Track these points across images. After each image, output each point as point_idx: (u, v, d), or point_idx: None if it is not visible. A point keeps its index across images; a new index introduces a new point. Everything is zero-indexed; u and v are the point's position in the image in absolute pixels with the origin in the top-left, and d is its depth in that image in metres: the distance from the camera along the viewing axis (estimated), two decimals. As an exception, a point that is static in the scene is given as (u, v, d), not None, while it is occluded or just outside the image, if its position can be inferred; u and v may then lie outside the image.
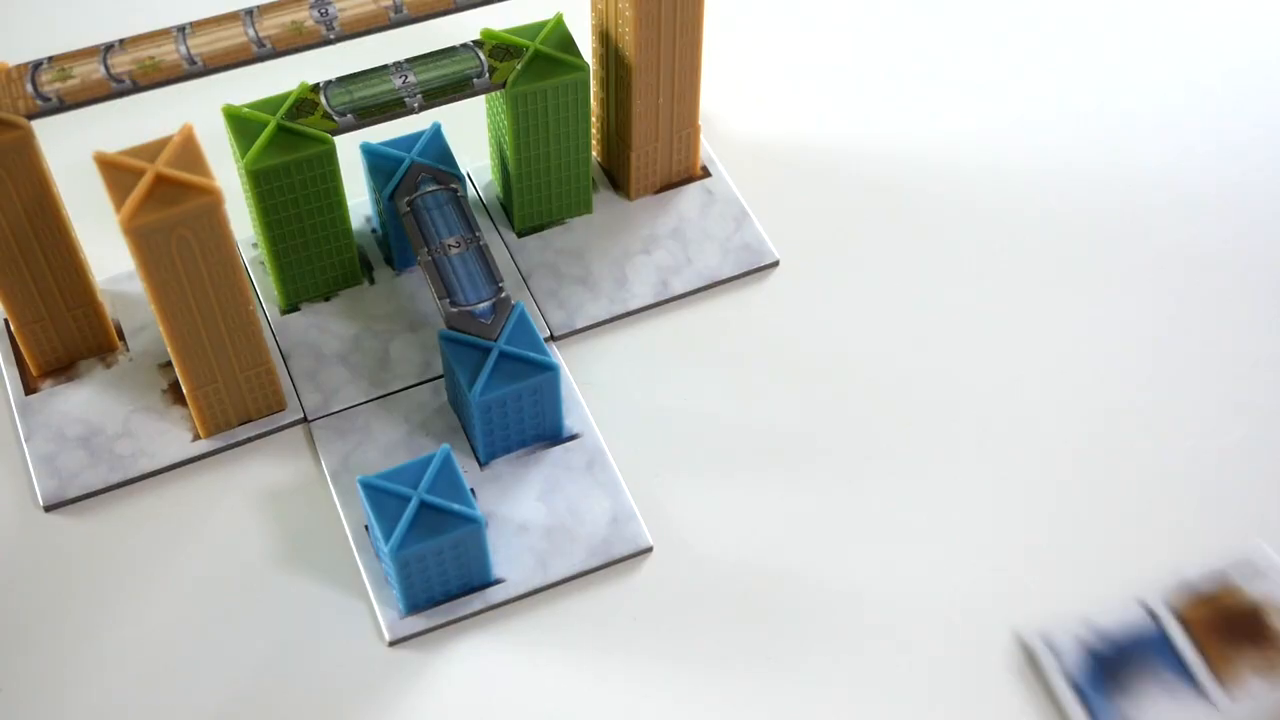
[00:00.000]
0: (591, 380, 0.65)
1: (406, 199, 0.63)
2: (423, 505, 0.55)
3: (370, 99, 0.61)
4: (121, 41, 0.58)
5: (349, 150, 0.64)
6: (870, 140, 0.74)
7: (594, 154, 0.71)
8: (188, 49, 0.58)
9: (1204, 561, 0.58)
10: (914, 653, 0.57)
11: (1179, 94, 0.76)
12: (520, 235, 0.69)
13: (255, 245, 0.68)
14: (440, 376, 0.64)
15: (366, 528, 0.59)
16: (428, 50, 0.63)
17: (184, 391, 0.60)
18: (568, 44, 0.63)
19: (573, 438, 0.62)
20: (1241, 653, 0.56)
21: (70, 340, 0.64)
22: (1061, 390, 0.65)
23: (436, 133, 0.65)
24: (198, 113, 0.60)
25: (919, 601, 0.58)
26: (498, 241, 0.69)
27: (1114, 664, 0.56)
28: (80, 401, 0.63)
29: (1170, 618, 0.57)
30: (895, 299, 0.68)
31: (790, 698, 0.56)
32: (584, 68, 0.63)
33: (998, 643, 0.57)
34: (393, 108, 0.61)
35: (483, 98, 0.65)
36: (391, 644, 0.57)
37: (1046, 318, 0.67)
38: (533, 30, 0.63)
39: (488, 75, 0.62)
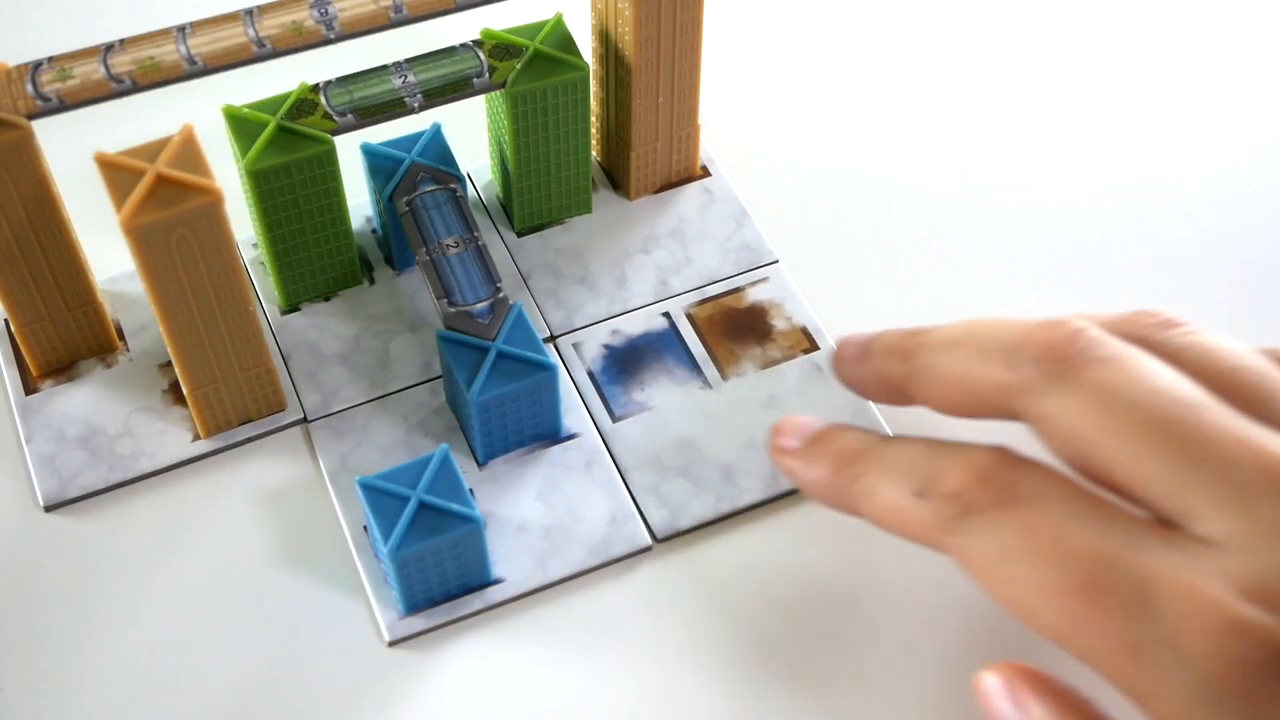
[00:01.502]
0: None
1: (405, 199, 0.63)
2: (421, 505, 0.55)
3: (370, 99, 0.62)
4: (121, 41, 0.58)
5: (349, 150, 0.64)
6: (871, 140, 0.74)
7: (594, 154, 0.71)
8: (188, 49, 0.58)
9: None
10: (920, 656, 0.57)
11: (1188, 94, 0.76)
12: (520, 235, 0.69)
13: (255, 245, 0.68)
14: (440, 376, 0.64)
15: (365, 528, 0.59)
16: (428, 50, 0.63)
17: (184, 391, 0.60)
18: (567, 44, 0.63)
19: (571, 437, 0.62)
20: (745, 348, 0.64)
21: (70, 340, 0.64)
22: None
23: (436, 133, 0.65)
24: (198, 113, 0.60)
25: (927, 606, 0.58)
26: (497, 241, 0.69)
27: (628, 358, 0.64)
28: (80, 401, 0.63)
29: (684, 319, 0.65)
30: (895, 299, 0.68)
31: (790, 697, 0.56)
32: (584, 67, 0.63)
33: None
34: (393, 108, 0.61)
35: (482, 98, 0.65)
36: (391, 644, 0.57)
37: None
38: (532, 30, 0.63)
39: (487, 75, 0.62)
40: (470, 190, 0.71)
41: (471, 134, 0.70)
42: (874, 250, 0.70)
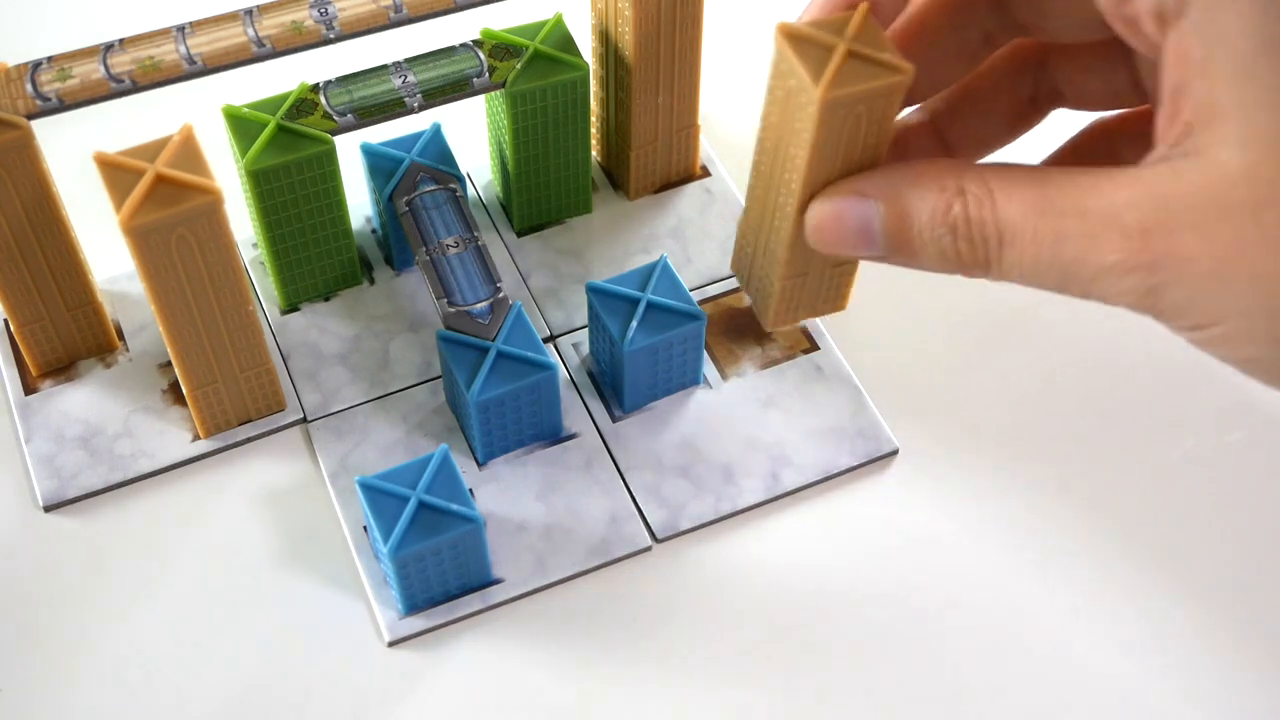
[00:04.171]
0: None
1: (405, 199, 0.63)
2: (421, 505, 0.55)
3: (370, 99, 0.62)
4: (121, 41, 0.58)
5: (349, 150, 0.64)
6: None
7: (594, 154, 0.71)
8: (187, 49, 0.58)
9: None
10: (919, 654, 0.57)
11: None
12: (520, 235, 0.69)
13: (255, 245, 0.68)
14: (440, 376, 0.64)
15: (365, 528, 0.59)
16: (428, 50, 0.63)
17: (184, 391, 0.60)
18: (567, 43, 0.63)
19: (571, 437, 0.62)
20: (745, 348, 0.65)
21: (70, 340, 0.64)
22: (1071, 400, 0.65)
23: (436, 133, 0.65)
24: (198, 113, 0.60)
25: (924, 607, 0.58)
26: (497, 241, 0.69)
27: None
28: (80, 401, 0.63)
29: None
30: (895, 297, 0.68)
31: (789, 698, 0.56)
32: (583, 67, 0.63)
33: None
34: (393, 108, 0.61)
35: (482, 98, 0.65)
36: (391, 644, 0.57)
37: (1050, 318, 0.67)
38: (532, 30, 0.63)
39: (487, 75, 0.62)
40: (470, 190, 0.71)
41: (471, 134, 0.70)
42: (874, 250, 0.69)
